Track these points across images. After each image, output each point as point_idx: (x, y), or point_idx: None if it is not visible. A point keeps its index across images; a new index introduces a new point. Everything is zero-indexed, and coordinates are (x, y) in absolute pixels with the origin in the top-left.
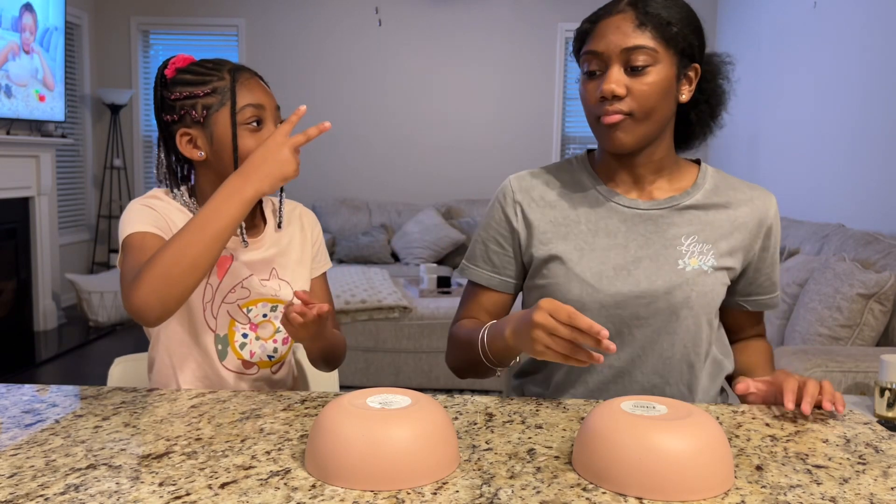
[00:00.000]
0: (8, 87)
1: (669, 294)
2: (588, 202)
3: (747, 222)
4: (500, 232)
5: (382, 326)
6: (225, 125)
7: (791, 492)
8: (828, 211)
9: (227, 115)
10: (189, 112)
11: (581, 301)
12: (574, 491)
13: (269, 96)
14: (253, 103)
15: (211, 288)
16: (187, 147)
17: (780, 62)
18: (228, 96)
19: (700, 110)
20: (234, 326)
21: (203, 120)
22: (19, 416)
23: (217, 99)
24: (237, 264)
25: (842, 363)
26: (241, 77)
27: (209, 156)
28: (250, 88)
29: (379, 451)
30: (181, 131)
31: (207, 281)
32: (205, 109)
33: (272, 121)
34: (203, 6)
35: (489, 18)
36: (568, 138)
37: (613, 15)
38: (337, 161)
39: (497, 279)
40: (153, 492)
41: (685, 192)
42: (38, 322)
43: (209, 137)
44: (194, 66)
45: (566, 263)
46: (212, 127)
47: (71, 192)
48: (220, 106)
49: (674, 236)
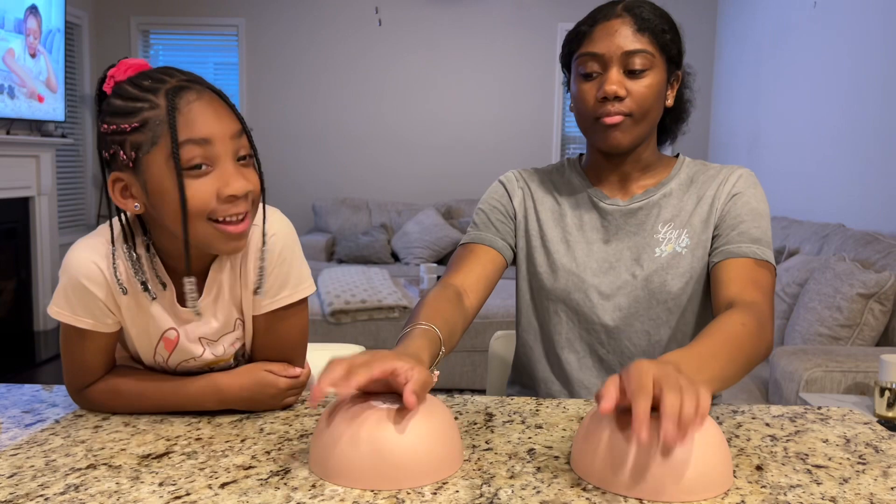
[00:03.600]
0: (11, 88)
1: (647, 281)
2: (576, 199)
3: (715, 192)
4: (501, 202)
5: (382, 326)
6: (159, 171)
7: (791, 492)
8: (828, 211)
9: (162, 157)
10: (118, 152)
11: (566, 291)
12: (574, 491)
13: (222, 123)
14: (194, 138)
15: (161, 356)
16: (120, 196)
17: (780, 62)
18: (161, 131)
19: (671, 117)
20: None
21: (133, 164)
22: (19, 416)
23: (147, 136)
24: (185, 342)
25: (842, 363)
26: (181, 101)
27: (147, 207)
28: (191, 117)
29: (384, 450)
30: (113, 175)
31: (156, 352)
32: (133, 150)
33: (228, 156)
34: (203, 6)
35: (489, 18)
36: (568, 138)
37: (612, 19)
38: (337, 161)
39: (500, 242)
40: (153, 492)
41: (660, 183)
42: (38, 322)
43: (143, 185)
44: (129, 84)
45: (553, 255)
46: (144, 173)
47: (71, 192)
48: (152, 146)
49: (651, 226)
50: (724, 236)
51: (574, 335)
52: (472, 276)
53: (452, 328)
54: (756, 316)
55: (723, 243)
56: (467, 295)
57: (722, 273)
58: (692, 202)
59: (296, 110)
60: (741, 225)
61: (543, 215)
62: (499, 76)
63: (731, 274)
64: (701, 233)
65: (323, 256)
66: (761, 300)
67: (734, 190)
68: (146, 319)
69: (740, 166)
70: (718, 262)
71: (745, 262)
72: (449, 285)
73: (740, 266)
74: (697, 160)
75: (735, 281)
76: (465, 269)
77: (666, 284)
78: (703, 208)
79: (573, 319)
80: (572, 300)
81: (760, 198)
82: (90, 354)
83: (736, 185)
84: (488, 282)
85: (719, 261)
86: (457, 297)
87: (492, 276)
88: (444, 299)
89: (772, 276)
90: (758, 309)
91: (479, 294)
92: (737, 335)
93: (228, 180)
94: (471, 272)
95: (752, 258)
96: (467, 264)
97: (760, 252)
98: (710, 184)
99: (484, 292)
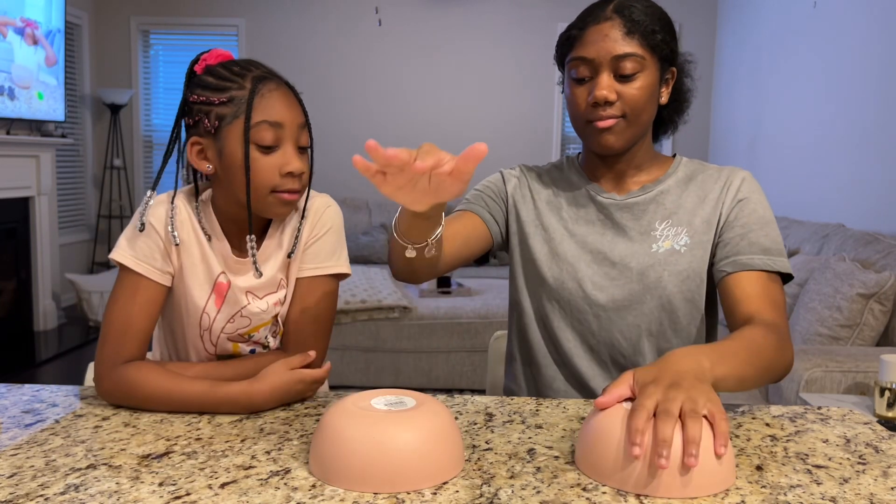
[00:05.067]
0: (11, 89)
1: (643, 275)
2: (573, 194)
3: (718, 194)
4: (496, 185)
5: (382, 326)
6: (235, 141)
7: (791, 492)
8: (828, 211)
9: (239, 130)
10: (203, 120)
11: (560, 280)
12: (574, 491)
13: (292, 112)
14: (269, 120)
15: (208, 317)
16: (196, 157)
17: (780, 62)
18: (244, 109)
19: (670, 109)
20: (238, 349)
21: (214, 131)
22: (19, 416)
23: (231, 110)
24: (235, 291)
25: (842, 363)
26: (264, 88)
27: (218, 170)
28: (271, 102)
29: (385, 453)
30: (193, 139)
31: (204, 310)
32: (217, 120)
33: (291, 141)
34: (203, 6)
35: (489, 18)
36: (568, 138)
37: (601, 22)
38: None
39: (487, 215)
40: (153, 492)
41: (657, 180)
42: (38, 322)
43: (219, 151)
44: (221, 66)
45: (547, 244)
46: (222, 140)
47: (71, 192)
48: (234, 118)
49: (648, 222)
50: (734, 245)
51: (565, 324)
52: (450, 228)
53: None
54: (778, 334)
55: (732, 252)
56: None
57: (735, 288)
58: (692, 200)
59: None
60: (750, 234)
61: (540, 204)
62: (499, 76)
63: (748, 290)
64: (703, 234)
65: None
66: (781, 321)
67: (739, 195)
68: (202, 265)
69: (740, 168)
70: (731, 274)
71: (759, 276)
72: None
73: (754, 281)
74: (694, 160)
75: (753, 299)
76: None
77: (661, 281)
78: (706, 209)
79: (565, 308)
80: (566, 289)
81: (765, 204)
82: (137, 308)
83: (741, 189)
84: (466, 240)
85: (732, 272)
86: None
87: (470, 237)
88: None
89: (783, 290)
90: (779, 329)
91: (455, 246)
92: (758, 343)
93: (290, 160)
94: (449, 225)
95: (764, 271)
96: (448, 221)
97: (772, 263)
98: (712, 184)
99: (460, 247)
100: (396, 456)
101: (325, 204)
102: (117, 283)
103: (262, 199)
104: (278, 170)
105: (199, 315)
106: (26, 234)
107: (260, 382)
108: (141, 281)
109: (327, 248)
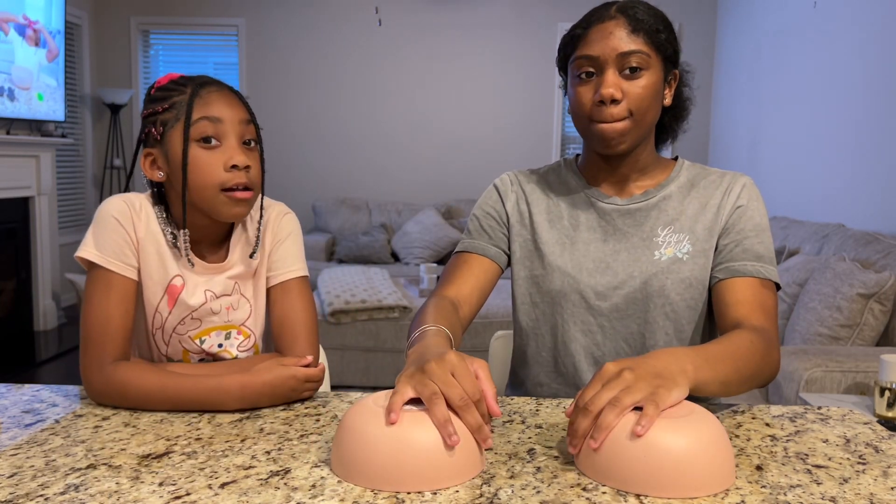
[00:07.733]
0: (11, 90)
1: (646, 284)
2: (572, 199)
3: (719, 201)
4: (494, 209)
5: (382, 326)
6: (178, 141)
7: (791, 492)
8: (828, 211)
9: (181, 130)
10: (150, 130)
11: (563, 292)
12: (574, 491)
13: (233, 109)
14: (208, 116)
15: (160, 316)
16: (149, 169)
17: (780, 62)
18: (184, 110)
19: (670, 116)
20: (188, 356)
21: (160, 137)
22: (19, 416)
23: (173, 114)
24: (188, 293)
25: (842, 363)
26: (203, 90)
27: (168, 175)
28: (210, 101)
29: (409, 452)
30: (145, 151)
31: (157, 308)
32: (162, 126)
33: (234, 135)
34: (203, 6)
35: (489, 18)
36: (568, 138)
37: (605, 21)
38: (337, 161)
39: (493, 249)
40: (153, 492)
41: (660, 185)
42: (38, 322)
43: (165, 156)
44: (170, 81)
45: (549, 256)
46: (167, 144)
47: (71, 192)
48: (176, 121)
49: (650, 228)
50: (728, 252)
51: (570, 336)
52: (466, 288)
53: (455, 333)
54: (765, 340)
55: (726, 259)
56: (462, 306)
57: (727, 293)
58: (694, 207)
59: (296, 110)
60: (745, 241)
61: (538, 217)
62: (499, 76)
63: (738, 296)
64: (704, 241)
65: (323, 256)
66: (770, 327)
67: (739, 201)
68: (157, 264)
69: (742, 174)
70: (723, 280)
71: (751, 282)
72: (444, 297)
73: (746, 287)
74: (696, 164)
75: (743, 304)
76: (459, 281)
77: (665, 289)
78: (707, 216)
79: (569, 319)
80: (568, 301)
81: (763, 211)
82: (114, 305)
83: (741, 195)
84: (482, 292)
85: (724, 278)
86: (453, 307)
87: (486, 286)
88: (442, 310)
89: (776, 297)
90: (767, 335)
91: (474, 304)
92: (744, 348)
93: (233, 154)
94: (465, 283)
95: (756, 277)
96: (461, 275)
97: (764, 270)
98: (714, 191)
99: (478, 303)
100: (422, 455)
101: (283, 211)
102: (88, 282)
103: (212, 198)
104: (222, 165)
105: (153, 313)
106: (26, 234)
107: (252, 375)
108: (113, 277)
109: (293, 251)
